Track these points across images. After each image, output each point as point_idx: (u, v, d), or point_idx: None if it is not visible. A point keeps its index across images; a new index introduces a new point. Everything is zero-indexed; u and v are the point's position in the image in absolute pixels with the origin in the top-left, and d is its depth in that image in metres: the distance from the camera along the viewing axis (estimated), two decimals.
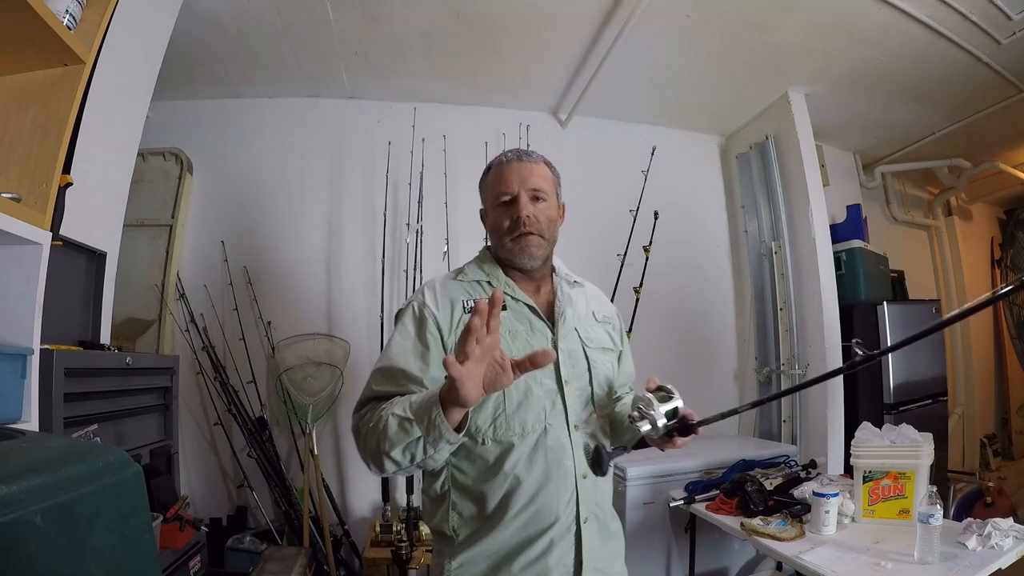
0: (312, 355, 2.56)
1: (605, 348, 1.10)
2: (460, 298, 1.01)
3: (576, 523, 0.96)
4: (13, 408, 1.09)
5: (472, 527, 0.96)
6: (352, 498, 2.67)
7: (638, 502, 2.23)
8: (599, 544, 0.99)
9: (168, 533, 1.49)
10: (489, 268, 1.07)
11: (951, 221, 4.29)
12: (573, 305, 1.08)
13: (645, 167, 2.63)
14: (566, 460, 0.96)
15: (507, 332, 0.98)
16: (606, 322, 1.14)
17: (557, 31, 2.37)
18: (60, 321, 1.35)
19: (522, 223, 1.00)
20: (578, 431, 0.98)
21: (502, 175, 1.04)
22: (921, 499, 1.56)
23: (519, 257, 1.03)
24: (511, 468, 0.94)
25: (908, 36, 2.36)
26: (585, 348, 1.05)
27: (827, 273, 2.74)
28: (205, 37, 2.32)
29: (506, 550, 0.94)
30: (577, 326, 1.06)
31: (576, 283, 1.14)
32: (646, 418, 0.92)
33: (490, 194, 1.06)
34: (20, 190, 1.10)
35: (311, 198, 2.84)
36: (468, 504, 0.96)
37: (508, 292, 1.03)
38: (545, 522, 0.94)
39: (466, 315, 0.99)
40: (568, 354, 1.02)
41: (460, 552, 0.95)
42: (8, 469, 0.45)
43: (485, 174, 1.10)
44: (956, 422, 3.86)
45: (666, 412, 0.93)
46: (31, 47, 1.09)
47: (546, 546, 0.93)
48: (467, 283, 1.05)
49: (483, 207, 1.11)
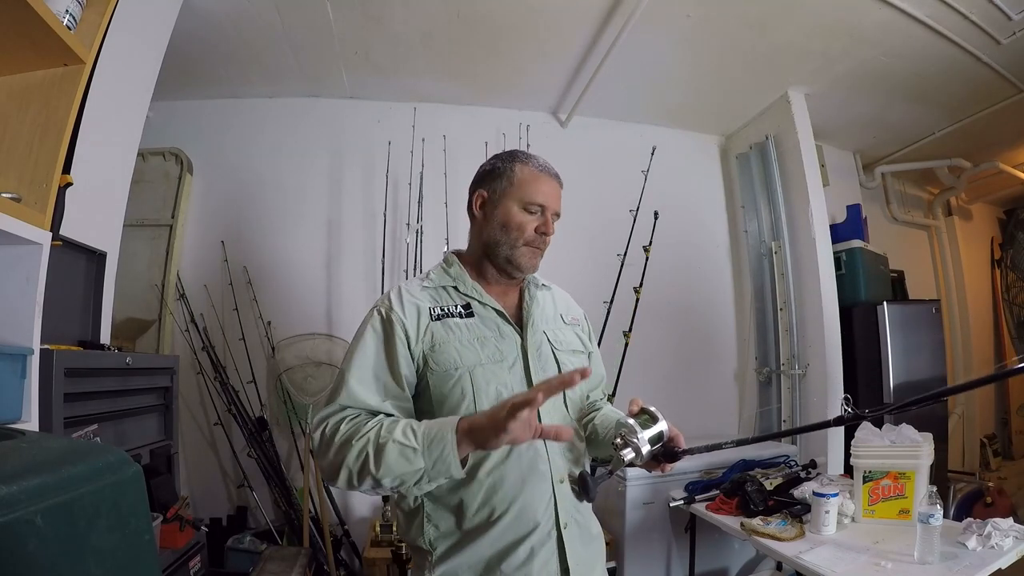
0: (312, 355, 2.56)
1: (575, 351, 1.09)
2: (427, 305, 1.00)
3: (556, 528, 0.94)
4: (13, 408, 1.09)
5: (450, 539, 0.93)
6: (352, 498, 2.67)
7: (638, 502, 2.23)
8: (583, 548, 0.98)
9: (168, 533, 1.49)
10: (455, 272, 1.05)
11: (951, 221, 4.29)
12: (541, 308, 1.07)
13: (645, 167, 2.63)
14: (541, 465, 0.95)
15: (476, 339, 0.98)
16: (574, 324, 1.14)
17: (557, 31, 2.37)
18: (60, 321, 1.35)
19: (544, 241, 1.03)
20: None
21: (541, 184, 1.03)
22: (921, 499, 1.56)
23: (525, 265, 1.03)
24: (486, 475, 0.92)
25: (908, 36, 2.36)
26: (555, 351, 1.04)
27: (827, 273, 2.74)
28: (205, 37, 2.32)
29: (487, 560, 0.92)
30: (545, 329, 1.05)
31: (543, 286, 1.13)
32: (629, 445, 0.89)
33: (517, 192, 1.02)
34: (20, 190, 1.10)
35: (311, 198, 2.84)
36: (443, 514, 0.94)
37: (475, 297, 1.02)
38: (524, 529, 0.92)
39: (433, 322, 0.98)
40: (538, 358, 1.01)
41: (439, 565, 0.92)
42: (8, 469, 0.45)
43: (508, 167, 1.04)
44: (956, 422, 3.86)
45: (650, 438, 0.90)
46: (31, 47, 1.09)
47: (527, 554, 0.91)
48: (433, 289, 1.03)
49: (487, 193, 1.05)
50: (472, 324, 0.99)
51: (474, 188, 1.09)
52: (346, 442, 0.85)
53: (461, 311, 1.00)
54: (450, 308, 1.00)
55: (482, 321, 1.00)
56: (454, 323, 0.98)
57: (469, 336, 0.98)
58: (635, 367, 2.56)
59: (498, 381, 0.95)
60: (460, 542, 0.93)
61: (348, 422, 0.88)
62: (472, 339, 0.97)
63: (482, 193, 1.06)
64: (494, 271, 1.06)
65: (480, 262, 1.07)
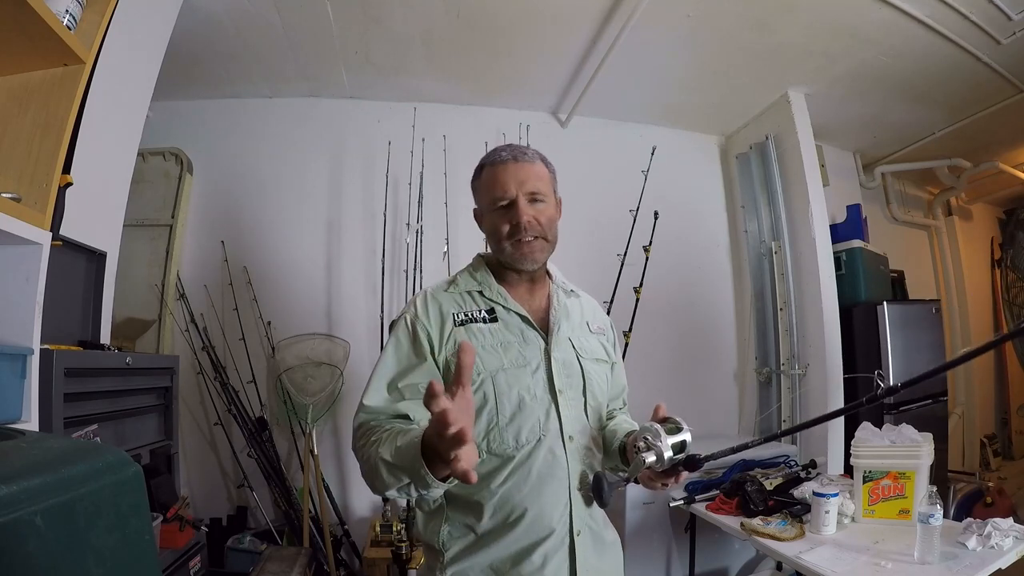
0: (312, 355, 2.56)
1: (599, 359, 1.08)
2: (451, 311, 1.00)
3: (569, 536, 0.94)
4: (13, 408, 1.09)
5: (464, 541, 0.94)
6: (352, 498, 2.67)
7: (638, 502, 2.23)
8: (595, 557, 0.97)
9: (168, 533, 1.49)
10: (482, 276, 1.05)
11: (951, 221, 4.29)
12: (568, 315, 1.07)
13: (645, 167, 2.63)
14: (560, 472, 0.94)
15: (499, 344, 0.97)
16: (600, 333, 1.13)
17: (557, 31, 2.37)
18: (60, 321, 1.35)
19: (522, 229, 0.98)
20: (572, 442, 0.96)
21: (497, 177, 1.00)
22: (921, 499, 1.56)
23: (521, 261, 1.01)
24: (504, 480, 0.92)
25: (908, 36, 2.36)
26: (579, 358, 1.03)
27: (827, 273, 2.74)
28: (205, 37, 2.32)
29: (499, 563, 0.92)
30: (571, 336, 1.05)
31: (572, 292, 1.13)
32: (652, 449, 0.88)
33: (485, 196, 1.03)
34: (20, 190, 1.10)
35: (311, 198, 2.84)
36: (462, 517, 0.94)
37: (500, 302, 1.02)
38: (539, 534, 0.92)
39: (456, 328, 0.98)
40: (562, 364, 1.00)
41: (451, 566, 0.93)
42: (8, 469, 0.45)
43: (478, 173, 1.06)
44: (956, 422, 3.85)
45: (673, 444, 0.88)
46: (31, 47, 1.09)
47: (541, 560, 0.91)
48: (458, 294, 1.03)
49: (477, 207, 1.08)
50: (495, 329, 0.99)
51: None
52: (360, 454, 0.90)
53: (485, 316, 1.00)
54: (474, 313, 1.00)
55: (506, 326, 1.00)
56: (477, 328, 0.98)
57: (492, 341, 0.98)
58: (635, 367, 2.52)
59: (520, 385, 0.95)
60: (474, 544, 0.93)
61: (364, 435, 0.91)
62: (495, 344, 0.97)
63: (475, 210, 1.09)
64: (513, 275, 1.06)
65: (498, 266, 1.07)
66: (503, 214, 1.00)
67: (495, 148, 1.07)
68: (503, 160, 1.02)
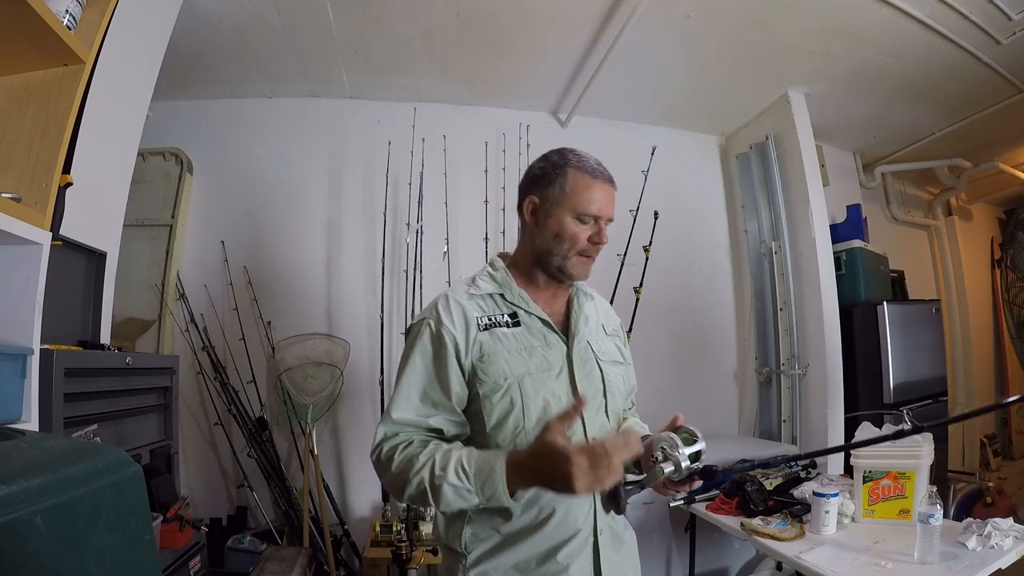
0: (312, 355, 2.56)
1: (616, 361, 1.09)
2: (474, 315, 0.99)
3: (593, 535, 0.96)
4: (13, 408, 1.09)
5: (488, 543, 0.94)
6: (352, 498, 2.67)
7: (638, 502, 2.22)
8: (616, 556, 0.99)
9: (168, 533, 1.49)
10: (502, 278, 1.04)
11: (951, 221, 4.29)
12: (587, 319, 1.07)
13: (645, 167, 2.63)
14: None
15: (523, 348, 0.98)
16: (615, 335, 1.14)
17: (557, 31, 2.36)
18: (60, 321, 1.35)
19: (597, 249, 1.01)
20: None
21: (594, 191, 1.00)
22: (921, 499, 1.56)
23: (577, 274, 1.02)
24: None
25: (908, 36, 2.36)
26: (599, 361, 1.04)
27: (827, 273, 2.74)
28: (205, 37, 2.32)
29: (523, 563, 0.93)
30: (589, 339, 1.05)
31: (589, 295, 1.14)
32: (670, 459, 0.88)
33: (569, 200, 0.99)
34: (20, 190, 1.10)
35: (311, 198, 2.84)
36: (487, 519, 0.95)
37: (522, 305, 1.02)
38: (566, 533, 0.93)
39: (480, 333, 0.97)
40: (583, 367, 1.01)
41: (474, 567, 0.94)
42: (8, 469, 0.45)
43: (559, 170, 1.01)
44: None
45: (690, 454, 0.89)
46: (31, 47, 1.09)
47: (566, 561, 0.93)
48: (480, 297, 1.02)
49: (538, 200, 1.02)
50: (519, 333, 0.99)
51: (525, 191, 1.06)
52: (402, 472, 0.89)
53: (508, 320, 1.00)
54: (497, 317, 1.00)
55: (528, 330, 1.00)
56: (501, 333, 0.98)
57: (517, 346, 0.98)
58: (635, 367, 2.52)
59: (546, 390, 0.96)
60: (499, 545, 0.94)
61: (401, 451, 0.91)
62: (520, 348, 0.97)
63: (533, 199, 1.03)
64: (545, 277, 1.05)
65: (531, 267, 1.05)
66: (583, 226, 1.00)
67: (580, 152, 1.04)
68: (603, 177, 1.02)
